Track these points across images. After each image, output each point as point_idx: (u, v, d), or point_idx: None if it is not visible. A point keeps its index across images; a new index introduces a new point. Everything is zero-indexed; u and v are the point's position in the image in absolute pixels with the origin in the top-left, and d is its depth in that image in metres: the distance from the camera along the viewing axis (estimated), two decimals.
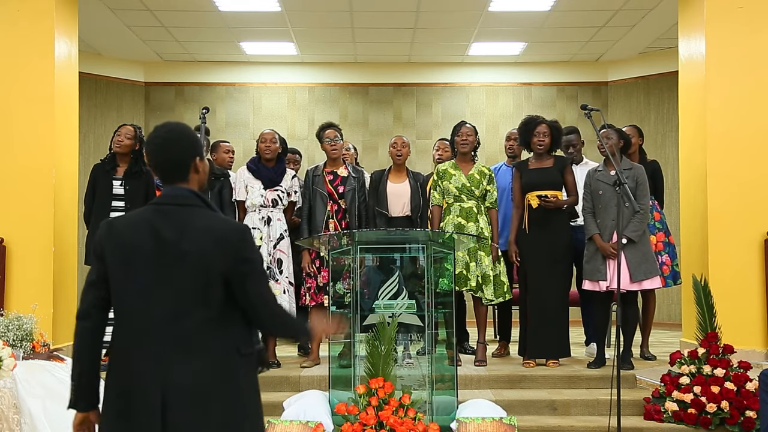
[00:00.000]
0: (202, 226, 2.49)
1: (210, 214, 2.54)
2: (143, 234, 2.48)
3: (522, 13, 8.73)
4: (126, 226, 2.53)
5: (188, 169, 2.58)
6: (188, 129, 2.64)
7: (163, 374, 2.39)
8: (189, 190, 2.56)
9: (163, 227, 2.47)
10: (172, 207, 2.53)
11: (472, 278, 6.02)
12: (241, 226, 2.61)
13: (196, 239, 2.45)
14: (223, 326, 2.47)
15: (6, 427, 4.09)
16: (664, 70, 10.03)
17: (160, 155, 2.58)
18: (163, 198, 2.56)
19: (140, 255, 2.46)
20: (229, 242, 2.48)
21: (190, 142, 2.60)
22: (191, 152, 2.59)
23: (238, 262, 2.48)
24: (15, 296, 6.26)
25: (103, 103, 10.36)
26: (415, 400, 4.74)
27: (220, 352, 2.45)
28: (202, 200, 2.56)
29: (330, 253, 5.33)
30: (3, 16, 6.54)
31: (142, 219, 2.53)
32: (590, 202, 6.01)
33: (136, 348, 2.43)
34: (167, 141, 2.57)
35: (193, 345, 2.42)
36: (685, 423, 5.11)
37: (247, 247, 2.52)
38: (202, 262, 2.44)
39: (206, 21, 8.95)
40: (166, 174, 2.58)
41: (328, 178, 6.20)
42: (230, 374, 2.46)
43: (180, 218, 2.49)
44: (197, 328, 2.43)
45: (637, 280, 5.81)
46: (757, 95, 6.48)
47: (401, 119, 10.84)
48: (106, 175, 6.22)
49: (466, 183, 6.16)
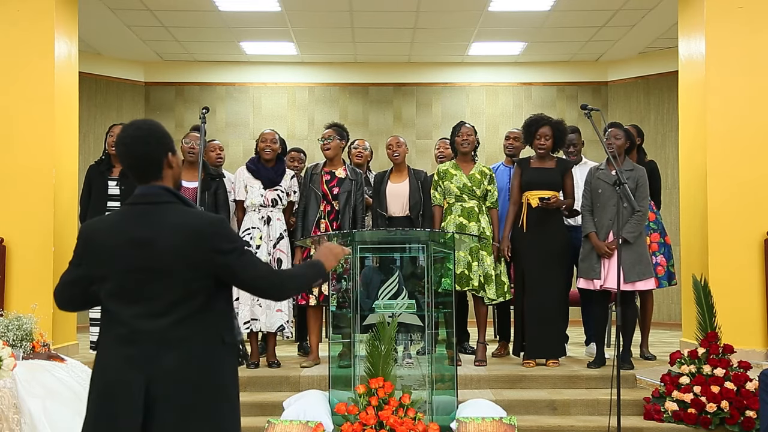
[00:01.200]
0: (176, 223, 2.48)
1: (184, 210, 2.53)
2: (118, 236, 2.49)
3: (522, 13, 8.73)
4: (101, 229, 2.56)
5: (161, 167, 2.56)
6: (157, 125, 2.61)
7: (148, 368, 2.40)
8: (161, 187, 2.55)
9: (137, 227, 2.48)
10: (145, 206, 2.53)
11: (474, 278, 6.02)
12: (216, 217, 2.59)
13: (170, 236, 2.46)
14: (207, 318, 2.49)
15: (6, 427, 4.09)
16: (664, 70, 10.03)
17: (131, 155, 2.55)
18: (136, 198, 2.56)
19: (117, 257, 2.48)
20: (204, 236, 2.48)
21: (160, 138, 2.57)
22: (163, 148, 2.56)
23: (219, 255, 2.48)
24: (15, 296, 6.27)
25: (103, 103, 10.37)
26: (415, 400, 4.74)
27: (204, 343, 2.47)
28: (176, 196, 2.55)
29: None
30: (3, 16, 6.54)
31: (116, 220, 2.55)
32: (589, 200, 6.02)
33: (121, 344, 2.46)
34: (137, 140, 2.54)
35: (176, 340, 2.44)
36: (685, 423, 5.11)
37: (223, 238, 2.51)
38: (180, 258, 2.44)
39: (206, 21, 8.95)
40: (140, 174, 2.56)
41: (325, 178, 6.19)
42: (215, 362, 2.48)
43: (154, 217, 2.50)
44: (181, 323, 2.45)
45: (631, 280, 5.81)
46: (757, 95, 6.48)
47: (401, 119, 10.84)
48: (101, 175, 6.24)
49: (468, 183, 6.16)
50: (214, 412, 2.47)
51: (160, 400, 2.40)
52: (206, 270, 2.47)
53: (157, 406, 2.40)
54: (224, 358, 2.53)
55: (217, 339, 2.51)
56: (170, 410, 2.41)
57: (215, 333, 2.51)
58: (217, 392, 2.49)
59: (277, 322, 6.05)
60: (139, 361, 2.41)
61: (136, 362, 2.41)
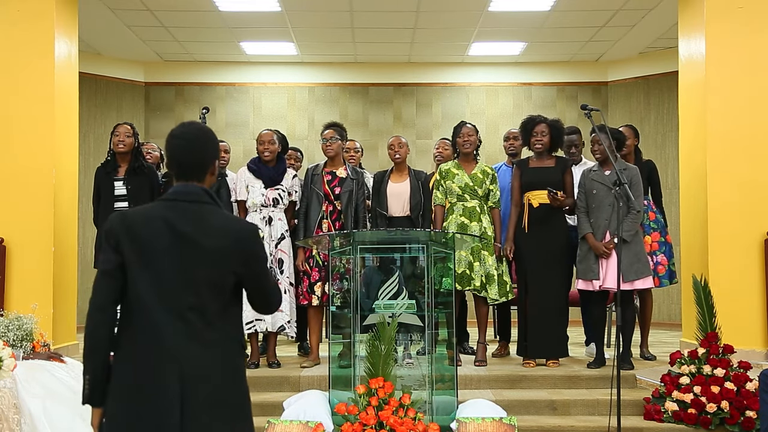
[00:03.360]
0: (218, 224, 2.54)
1: (223, 213, 2.61)
2: (158, 228, 2.49)
3: (522, 13, 8.73)
4: (140, 219, 2.53)
5: (207, 171, 2.63)
6: (213, 132, 2.70)
7: (180, 369, 2.41)
8: (201, 188, 2.60)
9: (178, 222, 2.50)
10: (185, 203, 2.55)
11: (476, 278, 6.02)
12: (253, 226, 2.69)
13: (214, 236, 2.50)
14: (228, 318, 2.54)
15: (6, 427, 4.09)
16: (664, 70, 10.03)
17: (186, 153, 2.60)
18: (174, 194, 2.57)
19: (156, 248, 2.47)
20: (244, 241, 2.55)
21: (215, 144, 2.68)
22: (214, 154, 2.65)
23: (252, 262, 2.56)
24: (15, 296, 6.27)
25: (103, 103, 10.36)
26: (415, 400, 4.74)
27: (227, 343, 2.52)
28: (213, 199, 2.61)
29: (330, 253, 5.33)
30: (3, 16, 6.55)
31: (155, 213, 2.54)
32: (584, 201, 6.02)
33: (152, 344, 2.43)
34: (196, 141, 2.61)
35: (206, 339, 2.47)
36: (685, 423, 5.11)
37: (258, 246, 2.60)
38: (220, 258, 2.49)
39: (206, 21, 8.95)
40: (186, 172, 2.60)
41: (326, 179, 6.19)
42: (235, 363, 2.54)
43: (195, 214, 2.53)
44: (210, 321, 2.48)
45: (629, 280, 5.80)
46: (757, 95, 6.48)
47: (401, 119, 10.84)
48: (107, 177, 6.22)
49: (469, 182, 6.16)
50: (245, 412, 2.54)
51: (195, 400, 2.41)
52: (237, 274, 2.53)
53: (192, 406, 2.41)
54: (242, 362, 2.61)
55: (239, 342, 2.58)
56: (205, 411, 2.42)
57: (236, 337, 2.57)
58: (244, 393, 2.55)
59: (278, 322, 6.05)
60: (172, 360, 2.41)
61: (170, 361, 2.41)
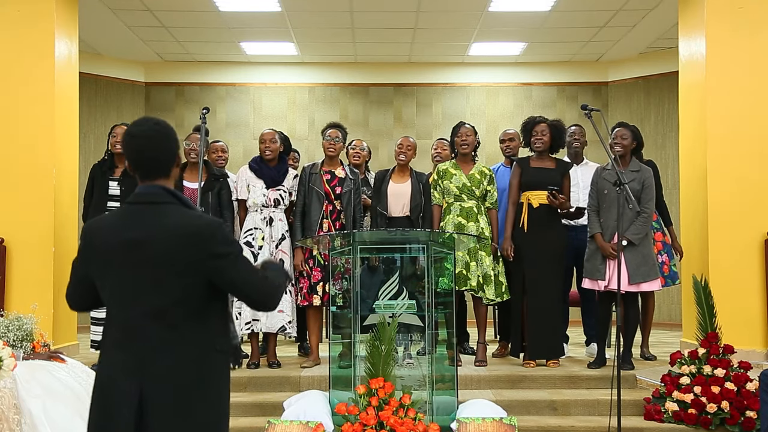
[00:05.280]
0: (173, 224, 2.46)
1: (182, 211, 2.50)
2: (116, 236, 2.48)
3: (522, 13, 8.73)
4: (100, 228, 2.55)
5: (171, 167, 2.56)
6: (170, 125, 2.61)
7: (141, 371, 2.40)
8: (162, 187, 2.53)
9: (134, 228, 2.46)
10: (143, 206, 2.51)
11: (473, 278, 6.02)
12: (214, 221, 2.55)
13: (167, 238, 2.43)
14: (201, 322, 2.48)
15: (6, 427, 4.09)
16: (664, 70, 10.03)
17: (144, 151, 2.52)
18: (135, 197, 2.54)
19: (114, 257, 2.47)
20: (202, 238, 2.45)
21: (175, 138, 2.58)
22: (175, 149, 2.57)
23: (214, 258, 2.45)
24: (15, 296, 6.27)
25: (104, 103, 10.37)
26: (415, 401, 4.73)
27: (198, 349, 2.46)
28: (176, 197, 2.53)
29: (330, 253, 5.32)
30: (3, 17, 6.54)
31: (115, 221, 2.54)
32: (595, 200, 6.00)
33: (118, 346, 2.46)
34: (153, 137, 2.53)
35: (169, 343, 2.43)
36: (686, 423, 5.11)
37: (220, 241, 2.47)
38: (175, 259, 2.42)
39: (206, 21, 8.95)
40: (148, 172, 2.54)
41: (326, 178, 6.18)
42: (206, 371, 2.47)
43: (152, 217, 2.47)
44: (175, 325, 2.43)
45: (635, 282, 5.80)
46: (757, 95, 6.48)
47: (401, 119, 10.84)
48: (103, 175, 6.26)
49: (467, 183, 6.16)
50: (204, 419, 2.46)
51: (154, 404, 2.39)
52: (201, 273, 2.45)
53: (150, 410, 2.39)
54: (216, 364, 2.51)
55: (211, 345, 2.49)
56: (163, 415, 2.40)
57: (208, 339, 2.49)
58: (208, 398, 2.48)
59: (278, 323, 6.05)
60: (133, 365, 2.41)
61: (130, 366, 2.41)
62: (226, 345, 2.55)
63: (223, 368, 2.55)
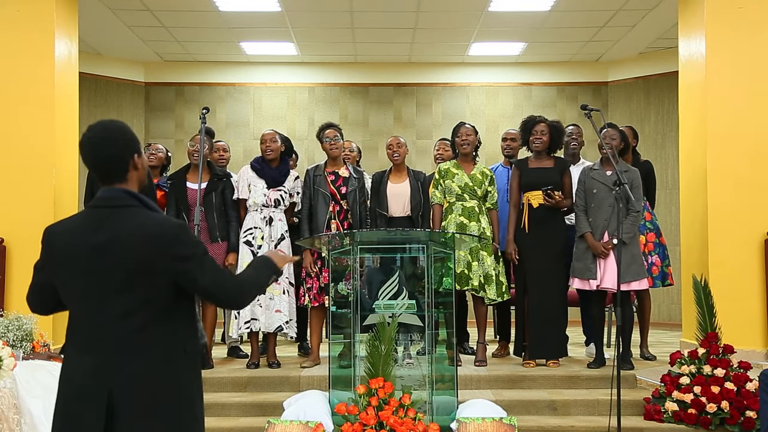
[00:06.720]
0: (135, 228, 2.43)
1: (145, 214, 2.47)
2: (77, 240, 2.45)
3: (522, 13, 8.73)
4: (61, 233, 2.51)
5: (127, 168, 2.52)
6: (124, 126, 2.57)
7: (109, 375, 2.37)
8: (123, 190, 2.50)
9: (96, 232, 2.43)
10: (106, 210, 2.48)
11: (474, 278, 6.02)
12: (177, 222, 2.52)
13: (129, 241, 2.40)
14: (167, 324, 2.45)
15: (6, 427, 4.09)
16: (664, 70, 10.03)
17: (97, 156, 2.50)
18: (97, 201, 2.52)
19: (76, 260, 2.44)
20: (163, 241, 2.42)
21: (128, 139, 2.52)
22: (130, 150, 2.52)
23: (178, 261, 2.43)
24: (15, 296, 6.26)
25: (103, 103, 10.36)
26: (415, 400, 4.73)
27: (166, 351, 2.43)
28: (138, 200, 2.50)
29: (330, 253, 5.32)
30: (3, 17, 6.55)
31: (76, 225, 2.51)
32: (583, 200, 6.02)
33: (83, 351, 2.43)
34: (104, 140, 2.49)
35: (136, 346, 2.40)
36: (685, 423, 5.11)
37: (183, 244, 2.45)
38: (139, 262, 2.39)
39: (206, 21, 8.95)
40: (105, 175, 2.52)
41: (330, 179, 6.19)
42: (176, 373, 2.45)
43: (113, 221, 2.44)
44: (141, 331, 2.40)
45: (626, 281, 5.80)
46: (757, 95, 6.48)
47: (401, 119, 10.84)
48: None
49: (469, 182, 6.16)
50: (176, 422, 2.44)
51: (123, 408, 2.36)
52: (166, 276, 2.42)
53: (120, 415, 2.36)
54: (186, 366, 2.49)
55: (179, 347, 2.46)
56: (132, 419, 2.37)
57: (177, 341, 2.46)
58: (178, 401, 2.45)
59: (275, 322, 6.05)
60: (100, 370, 2.38)
61: (97, 372, 2.38)
62: (195, 346, 2.54)
63: (192, 369, 2.53)
